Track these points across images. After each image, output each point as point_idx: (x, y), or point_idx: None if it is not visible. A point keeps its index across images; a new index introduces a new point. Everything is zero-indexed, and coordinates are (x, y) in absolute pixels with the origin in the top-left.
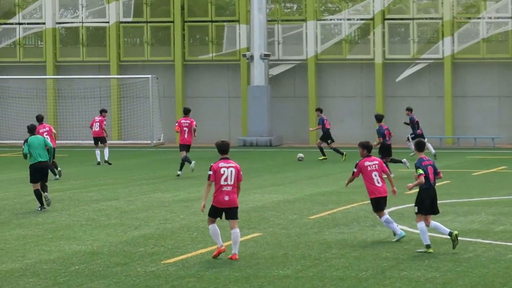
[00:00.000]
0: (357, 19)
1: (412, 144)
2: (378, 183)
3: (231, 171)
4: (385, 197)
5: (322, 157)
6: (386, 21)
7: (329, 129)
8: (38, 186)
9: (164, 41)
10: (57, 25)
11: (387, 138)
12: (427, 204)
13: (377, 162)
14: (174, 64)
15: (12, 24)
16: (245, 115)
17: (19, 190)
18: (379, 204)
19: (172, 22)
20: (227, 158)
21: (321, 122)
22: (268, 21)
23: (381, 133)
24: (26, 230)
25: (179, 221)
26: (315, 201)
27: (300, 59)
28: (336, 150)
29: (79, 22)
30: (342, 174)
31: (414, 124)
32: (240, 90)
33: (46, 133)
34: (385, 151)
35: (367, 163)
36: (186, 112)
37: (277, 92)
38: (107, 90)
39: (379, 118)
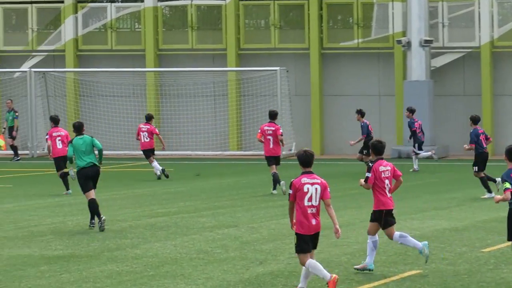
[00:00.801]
0: None
1: (416, 158)
2: (388, 193)
3: (316, 188)
4: (392, 210)
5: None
6: None
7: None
8: (92, 195)
9: (296, 23)
10: (159, 4)
11: (485, 146)
12: None
13: (389, 168)
14: (309, 52)
15: (102, 2)
16: (400, 118)
17: (111, 213)
18: (387, 219)
19: None
20: (311, 172)
21: (366, 130)
22: None
23: (474, 137)
24: (120, 265)
25: (315, 254)
26: (491, 229)
27: (471, 46)
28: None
29: (188, 0)
30: None
31: (413, 129)
32: (394, 86)
33: (59, 138)
34: (480, 161)
35: (381, 168)
36: (272, 116)
37: (442, 89)
38: (223, 86)
39: (475, 120)
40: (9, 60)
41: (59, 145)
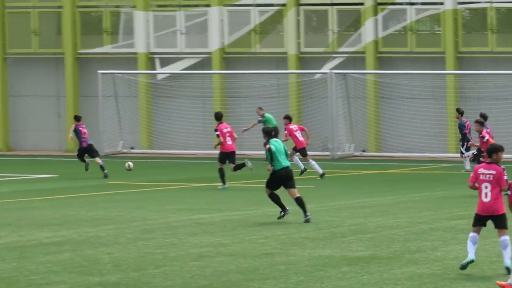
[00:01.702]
0: None
1: (468, 159)
2: (486, 197)
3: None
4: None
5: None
6: None
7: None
8: (296, 193)
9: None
10: (459, 6)
11: None
12: None
13: (494, 172)
14: None
15: (401, 4)
16: None
17: (411, 215)
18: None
19: None
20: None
21: (462, 129)
22: None
23: None
24: (421, 267)
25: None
26: None
27: None
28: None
29: (487, 2)
30: None
31: (464, 130)
32: None
33: (228, 134)
34: None
35: (481, 170)
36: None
37: None
38: None
39: None
40: (309, 61)
41: (229, 141)
